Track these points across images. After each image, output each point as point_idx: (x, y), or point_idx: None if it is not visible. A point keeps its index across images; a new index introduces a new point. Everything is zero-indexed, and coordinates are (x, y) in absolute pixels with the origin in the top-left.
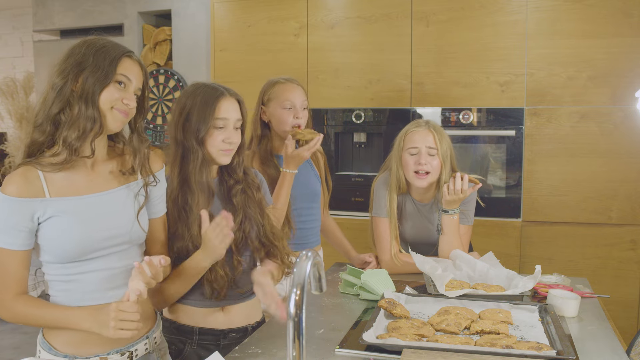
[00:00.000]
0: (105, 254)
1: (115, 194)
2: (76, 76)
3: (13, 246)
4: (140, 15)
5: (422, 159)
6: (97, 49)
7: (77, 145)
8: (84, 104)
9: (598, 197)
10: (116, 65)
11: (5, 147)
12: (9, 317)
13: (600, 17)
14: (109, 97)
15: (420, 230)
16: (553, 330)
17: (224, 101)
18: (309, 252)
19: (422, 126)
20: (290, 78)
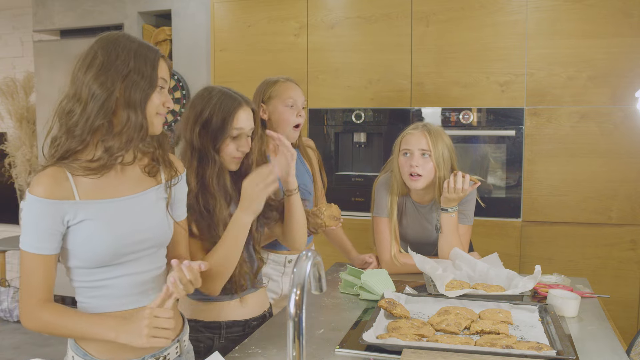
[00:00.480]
0: (135, 258)
1: (144, 196)
2: (120, 81)
3: (42, 250)
4: (140, 15)
5: (414, 161)
6: (135, 52)
7: (121, 153)
8: (132, 113)
9: (598, 197)
10: (157, 70)
11: (5, 147)
12: (34, 325)
13: (600, 17)
14: (155, 103)
15: (420, 231)
16: (553, 330)
17: (242, 112)
18: (309, 252)
19: (417, 129)
20: (290, 78)
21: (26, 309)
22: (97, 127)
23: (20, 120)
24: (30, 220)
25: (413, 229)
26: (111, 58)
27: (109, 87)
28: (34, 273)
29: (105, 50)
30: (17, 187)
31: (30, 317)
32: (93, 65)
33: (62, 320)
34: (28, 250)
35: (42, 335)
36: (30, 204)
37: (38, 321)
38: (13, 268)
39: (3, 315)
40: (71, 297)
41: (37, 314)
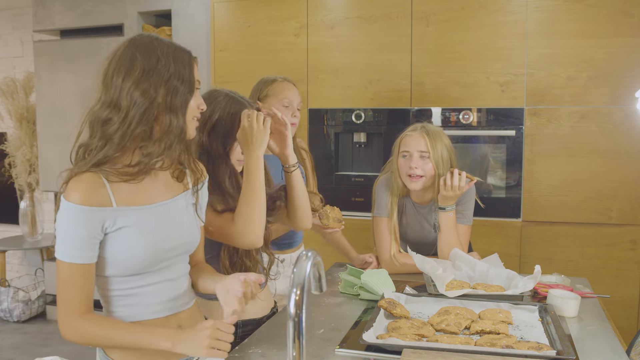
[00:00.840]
0: (168, 264)
1: (176, 202)
2: (161, 87)
3: (80, 259)
4: (140, 15)
5: (413, 163)
6: (173, 55)
7: (161, 159)
8: (174, 118)
9: (598, 197)
10: (194, 72)
11: (5, 147)
12: (74, 337)
13: (600, 17)
14: (192, 107)
15: (419, 231)
16: (553, 330)
17: None
18: (309, 252)
19: (416, 130)
20: (287, 78)
21: (65, 321)
22: (138, 134)
23: (20, 120)
24: (67, 228)
25: (412, 229)
26: (151, 63)
27: (151, 95)
28: (72, 283)
29: (145, 54)
30: (17, 187)
31: (70, 329)
32: (132, 71)
33: (106, 331)
34: (65, 260)
35: (42, 335)
36: (67, 212)
37: (78, 333)
38: (13, 268)
39: (3, 315)
40: None
41: (77, 326)
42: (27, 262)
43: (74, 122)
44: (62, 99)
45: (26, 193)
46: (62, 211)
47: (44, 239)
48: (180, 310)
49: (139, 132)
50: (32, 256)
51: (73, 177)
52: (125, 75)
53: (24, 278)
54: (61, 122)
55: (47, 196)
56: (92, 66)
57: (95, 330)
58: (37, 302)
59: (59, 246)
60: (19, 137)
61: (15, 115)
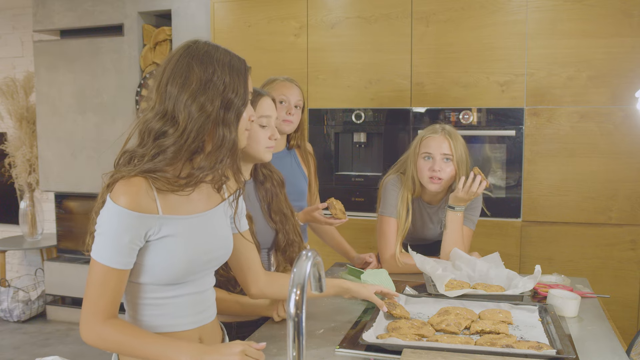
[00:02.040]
0: (201, 276)
1: (215, 212)
2: (218, 102)
3: (117, 265)
4: (140, 15)
5: (437, 166)
6: (229, 66)
7: (212, 172)
8: (227, 131)
9: (598, 197)
10: (248, 84)
11: (5, 147)
12: (95, 341)
13: (600, 17)
14: (245, 119)
15: (420, 229)
16: (553, 330)
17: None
18: (309, 252)
19: (438, 132)
20: (290, 78)
21: (88, 324)
22: (193, 148)
23: (20, 120)
24: (110, 230)
25: (414, 227)
26: (208, 74)
27: (208, 109)
28: (104, 287)
29: (202, 65)
30: (17, 187)
31: (92, 333)
32: (189, 82)
33: (128, 339)
34: (101, 262)
35: (42, 335)
36: (113, 214)
37: (101, 338)
38: (13, 268)
39: (3, 315)
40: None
41: (100, 331)
42: (27, 262)
43: (73, 122)
44: (62, 99)
45: (26, 193)
46: (107, 212)
47: (44, 239)
48: (203, 323)
49: (194, 146)
50: (32, 256)
51: (121, 180)
52: (181, 86)
53: (24, 278)
54: (61, 122)
55: (47, 196)
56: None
57: (117, 337)
58: (37, 302)
59: (98, 247)
60: (19, 137)
61: (15, 115)
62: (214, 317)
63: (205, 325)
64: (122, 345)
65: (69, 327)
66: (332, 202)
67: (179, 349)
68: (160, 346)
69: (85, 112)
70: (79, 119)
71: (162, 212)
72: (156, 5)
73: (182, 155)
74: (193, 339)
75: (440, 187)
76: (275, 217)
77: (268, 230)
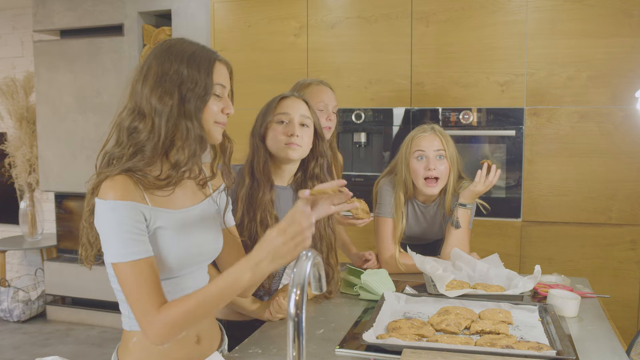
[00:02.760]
0: (193, 270)
1: (202, 207)
2: (176, 92)
3: (139, 255)
4: (140, 15)
5: (431, 164)
6: (188, 58)
7: (188, 167)
8: (189, 124)
9: (598, 197)
10: (212, 76)
11: (5, 147)
12: (164, 332)
13: (600, 17)
14: (210, 112)
15: (417, 230)
16: (553, 330)
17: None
18: (309, 252)
19: (427, 131)
20: (323, 81)
21: (149, 322)
22: (168, 145)
23: (20, 120)
24: (111, 227)
25: (410, 228)
26: (164, 68)
27: (167, 102)
28: (138, 282)
29: (159, 59)
30: (17, 187)
31: (157, 326)
32: (149, 77)
33: (194, 301)
34: (123, 261)
35: (42, 335)
36: (107, 211)
37: (167, 324)
38: (13, 268)
39: (3, 315)
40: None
41: (162, 320)
42: (27, 262)
43: (73, 122)
44: (62, 99)
45: (26, 193)
46: (101, 213)
47: (44, 239)
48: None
49: (168, 141)
50: (32, 256)
51: (105, 180)
52: (143, 81)
53: (24, 278)
54: (61, 122)
55: (47, 196)
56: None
57: (182, 308)
58: (37, 302)
59: (110, 250)
60: (19, 137)
61: (15, 115)
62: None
63: (203, 322)
64: (193, 311)
65: (69, 327)
66: (353, 202)
67: (238, 270)
68: (223, 281)
69: (85, 112)
70: (79, 119)
71: (151, 204)
72: (156, 5)
73: (159, 151)
74: (190, 334)
75: (438, 190)
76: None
77: None
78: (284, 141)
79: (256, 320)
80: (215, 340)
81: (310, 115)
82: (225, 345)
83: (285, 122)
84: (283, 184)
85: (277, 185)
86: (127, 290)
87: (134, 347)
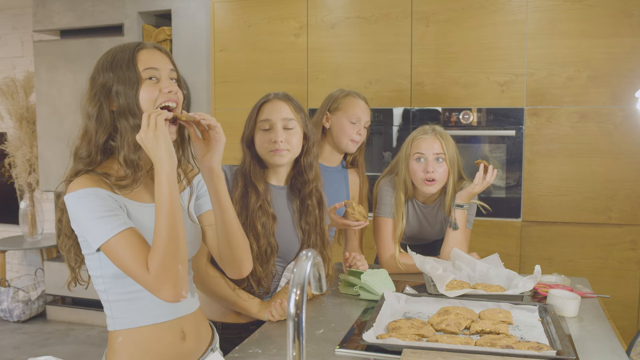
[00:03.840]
0: None
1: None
2: (107, 97)
3: (122, 227)
4: (140, 15)
5: (430, 167)
6: (110, 61)
7: (137, 159)
8: (127, 119)
9: (598, 197)
10: (135, 64)
11: (5, 147)
12: (161, 284)
13: (600, 17)
14: (147, 97)
15: (417, 230)
16: (553, 330)
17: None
18: (309, 252)
19: (428, 133)
20: (360, 94)
21: (149, 282)
22: (103, 144)
23: (20, 120)
24: (86, 213)
25: (411, 228)
26: (97, 80)
27: (97, 102)
28: (127, 250)
29: (92, 76)
30: (17, 187)
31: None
32: (86, 93)
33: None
34: (108, 238)
35: (42, 335)
36: (76, 201)
37: (162, 274)
38: (13, 268)
39: (3, 315)
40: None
41: (155, 272)
42: (27, 262)
43: (73, 122)
44: (62, 99)
45: (26, 193)
46: (72, 207)
47: (44, 239)
48: (184, 314)
49: (103, 142)
50: (32, 256)
51: (70, 179)
52: (85, 97)
53: (24, 278)
54: (61, 122)
55: (47, 196)
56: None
57: (156, 254)
58: (37, 302)
59: (92, 234)
60: (19, 137)
61: (15, 115)
62: (196, 309)
63: (186, 317)
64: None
65: (69, 327)
66: (350, 203)
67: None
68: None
69: None
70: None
71: (122, 196)
72: (156, 5)
73: (97, 154)
74: (174, 330)
75: (436, 189)
76: (305, 226)
77: (293, 240)
78: (269, 148)
79: (251, 323)
80: (203, 337)
81: (294, 117)
82: (217, 343)
83: (268, 129)
84: (280, 184)
85: (273, 184)
86: (121, 264)
87: (120, 347)
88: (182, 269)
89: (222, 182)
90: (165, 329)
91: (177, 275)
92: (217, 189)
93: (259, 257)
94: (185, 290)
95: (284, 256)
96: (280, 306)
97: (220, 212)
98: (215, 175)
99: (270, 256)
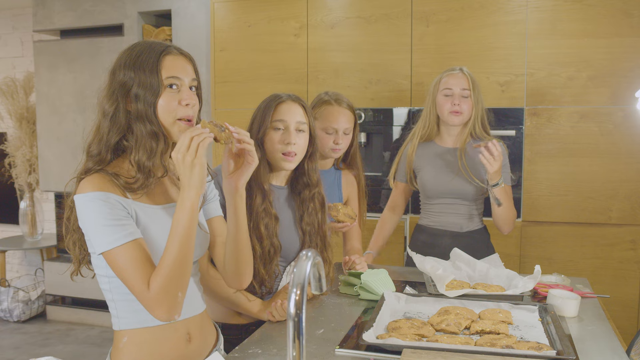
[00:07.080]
0: None
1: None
2: (125, 96)
3: (127, 238)
4: (140, 15)
5: (456, 100)
6: (134, 60)
7: (150, 166)
8: (143, 125)
9: (598, 197)
10: (159, 70)
11: (5, 147)
12: (159, 304)
13: (600, 17)
14: (166, 107)
15: (440, 177)
16: (553, 330)
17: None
18: (309, 252)
19: (456, 70)
20: (340, 97)
21: (148, 300)
22: (114, 144)
23: (20, 120)
24: (93, 218)
25: (434, 175)
26: (117, 76)
27: (114, 101)
28: (133, 264)
29: (112, 69)
30: (17, 187)
31: (155, 301)
32: (105, 87)
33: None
34: (111, 248)
35: (42, 335)
36: (86, 203)
37: (162, 295)
38: (13, 268)
39: (3, 315)
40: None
41: (156, 291)
42: (27, 262)
43: (73, 122)
44: (62, 99)
45: (26, 193)
46: (80, 208)
47: (44, 239)
48: (190, 315)
49: (115, 142)
50: (32, 256)
51: (81, 178)
52: (102, 91)
53: (24, 278)
54: (61, 122)
55: (47, 196)
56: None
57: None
58: (37, 302)
59: (97, 240)
60: (19, 137)
61: (15, 115)
62: (202, 311)
63: (192, 318)
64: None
65: (69, 327)
66: (335, 206)
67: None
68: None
69: (85, 112)
70: (79, 119)
71: (131, 199)
72: (156, 5)
73: (108, 152)
74: (181, 332)
75: (461, 121)
76: (307, 227)
77: (294, 239)
78: (281, 150)
79: (252, 324)
80: (208, 339)
81: (306, 120)
82: (221, 344)
83: (282, 130)
84: (280, 184)
85: (274, 184)
86: (121, 275)
87: (125, 347)
88: (181, 295)
89: (243, 202)
90: (172, 330)
91: (175, 301)
92: (237, 208)
93: (262, 258)
94: (178, 314)
95: (286, 256)
96: (280, 307)
97: (236, 231)
98: (238, 195)
99: (274, 257)
